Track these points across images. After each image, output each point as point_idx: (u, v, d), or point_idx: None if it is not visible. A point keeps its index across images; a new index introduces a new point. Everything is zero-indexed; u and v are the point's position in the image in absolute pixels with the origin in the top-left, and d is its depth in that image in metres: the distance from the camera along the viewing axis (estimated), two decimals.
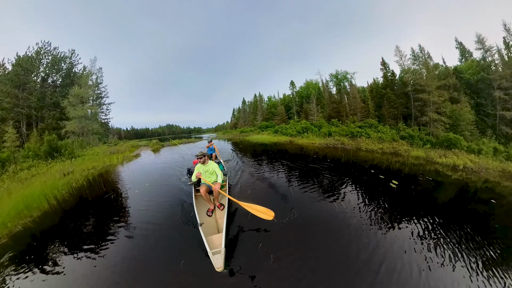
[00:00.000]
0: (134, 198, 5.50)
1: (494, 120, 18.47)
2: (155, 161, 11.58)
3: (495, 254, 3.52)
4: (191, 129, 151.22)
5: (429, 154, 13.67)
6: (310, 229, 3.71)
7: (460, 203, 6.29)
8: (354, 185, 6.68)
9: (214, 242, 2.75)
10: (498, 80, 18.72)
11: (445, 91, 20.29)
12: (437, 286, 2.66)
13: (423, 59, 21.53)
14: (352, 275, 2.65)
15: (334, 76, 32.01)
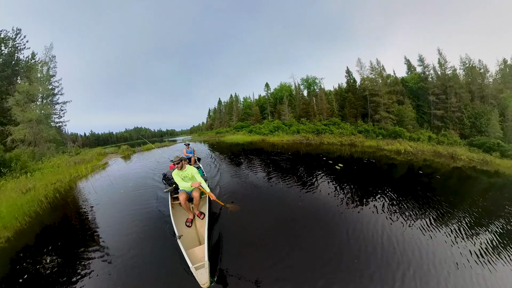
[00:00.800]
0: (106, 211, 4.89)
1: (429, 117, 23.53)
2: (127, 168, 10.58)
3: (434, 211, 4.65)
4: (163, 132, 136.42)
5: (379, 144, 16.93)
6: (283, 221, 3.95)
7: (403, 177, 8.24)
8: (306, 170, 8.11)
9: (196, 255, 2.50)
10: (432, 88, 23.73)
11: (394, 95, 24.64)
12: (397, 241, 3.34)
13: (378, 70, 25.99)
14: (341, 263, 2.82)
15: (305, 80, 35.18)
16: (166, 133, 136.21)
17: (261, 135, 27.43)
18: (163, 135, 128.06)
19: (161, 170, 8.06)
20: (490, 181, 8.82)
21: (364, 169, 8.87)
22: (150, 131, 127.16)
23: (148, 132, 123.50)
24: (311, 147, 15.80)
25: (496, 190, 7.38)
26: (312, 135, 21.46)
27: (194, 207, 3.55)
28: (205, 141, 27.05)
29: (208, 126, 52.11)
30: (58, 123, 22.02)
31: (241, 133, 32.48)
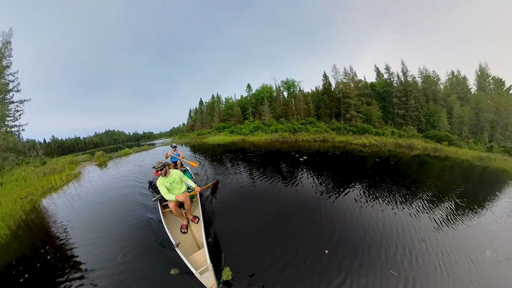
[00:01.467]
0: (88, 228, 4.16)
1: (393, 115, 27.12)
2: (106, 177, 9.37)
3: (400, 191, 5.56)
4: (140, 135, 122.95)
5: (348, 139, 18.91)
6: (269, 210, 4.20)
7: (368, 165, 9.44)
8: (275, 163, 9.13)
9: (198, 260, 2.46)
10: (395, 92, 27.16)
11: (363, 97, 27.49)
12: (369, 217, 3.98)
13: (351, 75, 28.89)
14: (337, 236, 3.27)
15: (285, 82, 37.15)
16: (143, 136, 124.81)
17: (241, 135, 27.95)
18: (139, 139, 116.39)
19: (144, 177, 7.51)
20: (442, 164, 10.81)
21: (327, 159, 10.20)
22: (125, 134, 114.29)
23: (122, 135, 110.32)
24: (286, 144, 16.81)
25: (447, 171, 9.21)
26: (288, 134, 22.64)
27: (187, 212, 3.41)
28: (186, 144, 26.43)
29: (189, 127, 50.67)
30: (12, 127, 17.19)
31: (223, 134, 32.48)
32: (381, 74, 35.56)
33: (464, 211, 4.73)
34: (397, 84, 28.66)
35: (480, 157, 14.71)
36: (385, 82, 30.58)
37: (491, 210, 4.99)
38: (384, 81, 31.52)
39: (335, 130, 22.54)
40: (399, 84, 28.23)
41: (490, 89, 28.14)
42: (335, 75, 29.55)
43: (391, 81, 29.39)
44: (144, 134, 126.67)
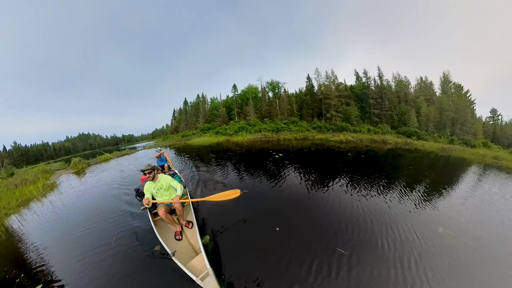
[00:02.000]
0: (70, 248, 3.54)
1: (369, 115, 29.09)
2: (87, 186, 8.37)
3: (378, 180, 6.13)
4: (119, 138, 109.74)
5: (327, 136, 20.06)
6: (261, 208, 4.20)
7: (346, 159, 10.24)
8: (253, 161, 9.61)
9: (197, 266, 2.37)
10: (372, 94, 29.49)
11: (343, 99, 29.42)
12: (355, 204, 4.31)
13: (332, 78, 30.92)
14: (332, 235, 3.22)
15: (270, 83, 38.14)
16: (123, 139, 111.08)
17: (226, 136, 28.00)
18: (118, 143, 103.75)
19: (129, 184, 6.94)
20: (412, 155, 12.36)
21: (302, 155, 10.87)
22: (102, 138, 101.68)
23: (98, 139, 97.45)
24: (269, 143, 17.21)
25: (416, 161, 10.70)
26: (271, 133, 23.22)
27: (179, 217, 3.24)
28: (170, 146, 25.67)
29: (173, 129, 49.06)
30: None
31: (208, 135, 32.09)
32: (360, 78, 38.52)
33: (423, 194, 5.23)
34: (374, 87, 31.40)
35: (443, 148, 16.74)
36: (363, 85, 33.10)
37: (450, 192, 5.55)
38: (362, 84, 34.09)
39: (316, 129, 23.55)
40: (375, 87, 30.89)
41: (452, 92, 31.97)
42: (317, 78, 31.40)
43: (368, 84, 31.96)
44: (124, 137, 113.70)
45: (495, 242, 3.32)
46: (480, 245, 3.20)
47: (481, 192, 5.89)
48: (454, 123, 27.08)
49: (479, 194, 5.66)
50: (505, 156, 14.80)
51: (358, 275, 2.44)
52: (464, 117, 26.77)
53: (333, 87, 30.31)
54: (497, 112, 37.79)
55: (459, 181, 7.03)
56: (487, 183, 7.05)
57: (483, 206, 4.81)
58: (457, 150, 16.58)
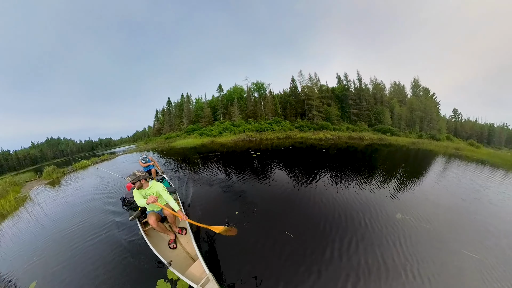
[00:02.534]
0: (54, 269, 3.00)
1: (349, 114, 31.03)
2: (64, 197, 7.37)
3: (358, 173, 6.60)
4: (95, 142, 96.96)
5: (307, 135, 21.09)
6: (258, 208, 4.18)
7: (325, 155, 10.82)
8: (233, 160, 9.88)
9: (196, 273, 2.30)
10: (351, 95, 31.62)
11: (325, 99, 31.14)
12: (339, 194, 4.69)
13: (314, 81, 32.75)
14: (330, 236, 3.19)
15: (255, 84, 38.84)
16: (99, 144, 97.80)
17: (211, 137, 27.87)
18: (94, 148, 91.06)
19: (113, 192, 6.46)
20: (387, 149, 13.76)
21: (279, 153, 11.48)
22: (74, 143, 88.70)
23: (71, 144, 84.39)
24: (252, 143, 17.53)
25: (391, 154, 11.92)
26: (254, 133, 23.66)
27: (172, 225, 3.10)
28: (153, 149, 24.62)
29: (156, 131, 47.07)
30: None
31: (193, 136, 31.39)
32: (342, 81, 41.49)
33: (388, 182, 5.68)
34: (353, 89, 33.93)
35: (413, 142, 18.79)
36: (343, 87, 35.55)
37: (416, 181, 6.01)
38: (343, 86, 36.61)
39: (299, 128, 24.43)
40: (355, 89, 33.44)
41: (421, 95, 35.57)
42: (301, 80, 33.01)
43: (348, 86, 34.40)
44: (101, 141, 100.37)
45: (446, 223, 3.64)
46: (433, 227, 3.46)
47: (442, 178, 6.56)
48: (422, 121, 30.01)
49: (440, 180, 6.29)
50: (464, 147, 17.82)
51: (349, 261, 2.62)
52: (431, 116, 29.79)
53: (315, 89, 32.07)
54: (458, 112, 42.86)
55: (426, 169, 7.84)
56: (449, 170, 8.03)
57: (441, 190, 5.34)
58: (425, 143, 18.76)
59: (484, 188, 5.64)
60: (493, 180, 6.73)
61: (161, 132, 43.71)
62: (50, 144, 79.90)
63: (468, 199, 4.79)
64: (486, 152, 16.03)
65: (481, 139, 39.55)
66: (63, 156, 73.77)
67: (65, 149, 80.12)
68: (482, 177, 7.08)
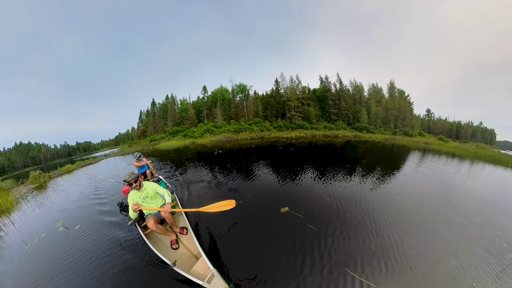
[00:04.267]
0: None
1: (329, 114, 32.00)
2: (55, 202, 6.79)
3: (338, 168, 6.99)
4: (72, 147, 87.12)
5: (280, 134, 21.64)
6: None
7: (302, 152, 11.33)
8: (193, 159, 10.67)
9: (200, 271, 2.34)
10: (331, 96, 33.45)
11: (305, 100, 32.70)
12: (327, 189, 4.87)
13: (296, 82, 34.31)
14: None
15: (239, 86, 39.67)
16: (77, 148, 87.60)
17: (193, 138, 28.63)
18: (72, 153, 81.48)
19: (108, 196, 6.17)
20: (363, 146, 14.82)
21: (240, 151, 12.18)
22: (48, 148, 78.66)
23: (44, 150, 75.21)
24: (230, 143, 18.12)
25: (368, 149, 12.73)
26: (232, 134, 23.96)
27: (172, 226, 3.10)
28: (138, 152, 23.96)
29: (141, 133, 45.43)
30: None
31: (176, 138, 31.35)
32: (324, 82, 44.06)
33: (363, 176, 6.02)
34: (334, 90, 36.15)
35: (386, 138, 20.35)
36: (324, 89, 37.63)
37: (388, 173, 6.52)
38: (324, 87, 38.74)
39: (276, 128, 24.70)
40: (335, 91, 35.68)
41: (396, 96, 38.54)
42: (282, 82, 33.68)
43: (329, 88, 36.52)
44: (79, 146, 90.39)
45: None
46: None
47: (411, 167, 7.51)
48: (397, 119, 31.34)
49: (409, 168, 7.23)
50: (434, 141, 20.32)
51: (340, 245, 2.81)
52: (404, 114, 32.03)
53: (297, 91, 33.59)
54: (431, 111, 47.66)
55: (398, 161, 8.86)
56: (417, 160, 9.20)
57: (411, 179, 6.00)
58: (397, 139, 20.61)
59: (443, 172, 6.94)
60: (453, 164, 8.68)
61: (146, 134, 42.57)
62: (19, 150, 68.02)
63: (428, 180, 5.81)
64: (453, 145, 18.39)
65: (451, 135, 44.85)
66: (35, 163, 64.81)
67: (38, 155, 69.33)
68: (450, 164, 8.73)
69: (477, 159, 11.20)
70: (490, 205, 4.35)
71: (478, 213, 3.90)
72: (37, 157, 72.55)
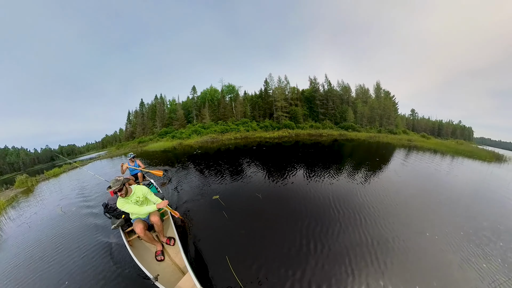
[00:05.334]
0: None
1: (317, 113, 32.33)
2: (43, 203, 6.52)
3: (323, 165, 7.04)
4: (55, 151, 78.67)
5: (263, 134, 21.82)
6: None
7: (287, 151, 11.54)
8: (176, 157, 11.06)
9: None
10: (318, 96, 34.28)
11: (293, 100, 32.64)
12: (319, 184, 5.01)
13: (284, 83, 34.81)
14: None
15: (227, 87, 40.03)
16: (61, 152, 79.21)
17: (180, 140, 28.65)
18: (54, 157, 73.85)
19: (91, 195, 5.88)
20: (350, 143, 15.32)
21: (218, 153, 12.39)
22: (28, 152, 71.59)
23: (23, 154, 68.36)
24: (214, 144, 18.34)
25: (354, 147, 13.03)
26: (217, 134, 24.04)
27: (159, 234, 2.82)
28: (126, 154, 23.10)
29: (129, 134, 43.94)
30: None
31: (165, 140, 30.96)
32: (314, 83, 45.64)
33: (345, 171, 6.13)
34: (322, 91, 37.36)
35: (371, 136, 21.29)
36: (312, 89, 38.85)
37: (366, 169, 6.52)
38: (311, 88, 39.82)
39: (263, 128, 24.60)
40: (323, 91, 36.89)
41: (382, 96, 40.38)
42: (270, 82, 33.72)
43: (317, 88, 37.70)
44: (62, 149, 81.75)
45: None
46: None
47: (393, 162, 7.80)
48: (382, 118, 32.27)
49: (387, 162, 7.55)
50: (416, 139, 21.79)
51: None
52: (389, 114, 33.54)
53: (285, 90, 33.78)
54: (415, 111, 50.83)
55: (381, 157, 9.18)
56: (399, 156, 9.66)
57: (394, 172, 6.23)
58: (381, 137, 21.73)
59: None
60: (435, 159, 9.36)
61: (134, 136, 41.41)
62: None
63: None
64: (434, 142, 19.57)
65: (433, 133, 49.00)
66: (14, 170, 57.65)
67: (16, 161, 62.77)
68: (427, 158, 9.30)
69: (457, 154, 11.84)
70: (470, 195, 4.68)
71: (460, 202, 4.25)
72: (16, 163, 66.08)
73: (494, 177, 6.59)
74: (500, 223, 3.37)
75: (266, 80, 35.58)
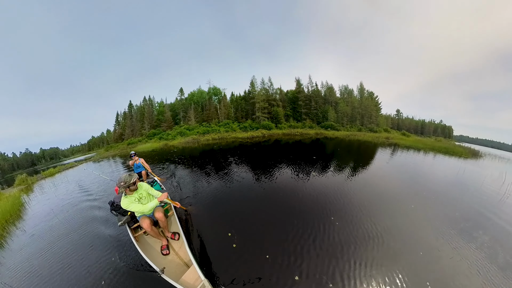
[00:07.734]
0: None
1: (300, 113, 32.60)
2: (44, 201, 6.70)
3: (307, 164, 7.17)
4: (36, 155, 73.06)
5: (237, 135, 21.59)
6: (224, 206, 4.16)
7: (270, 150, 11.53)
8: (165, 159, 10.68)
9: (190, 280, 2.19)
10: (301, 97, 33.49)
11: (275, 101, 31.33)
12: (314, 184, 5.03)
13: (268, 84, 34.54)
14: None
15: (213, 89, 40.46)
16: (42, 156, 73.67)
17: (166, 141, 29.42)
18: (36, 162, 68.79)
19: (92, 192, 5.86)
20: (332, 141, 15.34)
21: (205, 153, 12.42)
22: (5, 157, 66.01)
23: (0, 160, 62.95)
24: (196, 144, 18.51)
25: (336, 144, 13.11)
26: (199, 136, 24.20)
27: (163, 230, 2.92)
28: (114, 156, 23.40)
29: (118, 136, 43.20)
30: None
31: (153, 141, 31.38)
32: (300, 84, 46.55)
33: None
34: (307, 91, 38.04)
35: (348, 134, 21.89)
36: (296, 90, 39.49)
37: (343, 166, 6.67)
38: (297, 89, 40.47)
39: (242, 128, 24.46)
40: (307, 92, 37.49)
41: (365, 97, 41.34)
42: (255, 84, 33.47)
43: (301, 89, 38.35)
44: (44, 153, 76.01)
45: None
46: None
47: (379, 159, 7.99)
48: (363, 117, 32.24)
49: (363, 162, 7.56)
50: (396, 136, 22.09)
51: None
52: (370, 113, 34.21)
53: (271, 92, 33.53)
54: (400, 111, 52.21)
55: (355, 153, 9.33)
56: (371, 153, 9.86)
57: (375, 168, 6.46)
58: (359, 135, 21.98)
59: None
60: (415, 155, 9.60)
61: (123, 137, 41.36)
62: None
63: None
64: (413, 139, 19.46)
65: (417, 131, 50.88)
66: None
67: None
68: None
69: (432, 150, 11.78)
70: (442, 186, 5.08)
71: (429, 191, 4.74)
72: None
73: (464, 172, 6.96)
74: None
75: (252, 81, 36.24)
